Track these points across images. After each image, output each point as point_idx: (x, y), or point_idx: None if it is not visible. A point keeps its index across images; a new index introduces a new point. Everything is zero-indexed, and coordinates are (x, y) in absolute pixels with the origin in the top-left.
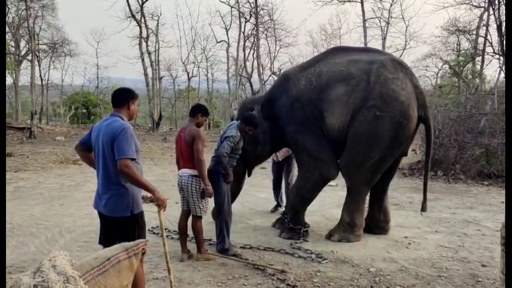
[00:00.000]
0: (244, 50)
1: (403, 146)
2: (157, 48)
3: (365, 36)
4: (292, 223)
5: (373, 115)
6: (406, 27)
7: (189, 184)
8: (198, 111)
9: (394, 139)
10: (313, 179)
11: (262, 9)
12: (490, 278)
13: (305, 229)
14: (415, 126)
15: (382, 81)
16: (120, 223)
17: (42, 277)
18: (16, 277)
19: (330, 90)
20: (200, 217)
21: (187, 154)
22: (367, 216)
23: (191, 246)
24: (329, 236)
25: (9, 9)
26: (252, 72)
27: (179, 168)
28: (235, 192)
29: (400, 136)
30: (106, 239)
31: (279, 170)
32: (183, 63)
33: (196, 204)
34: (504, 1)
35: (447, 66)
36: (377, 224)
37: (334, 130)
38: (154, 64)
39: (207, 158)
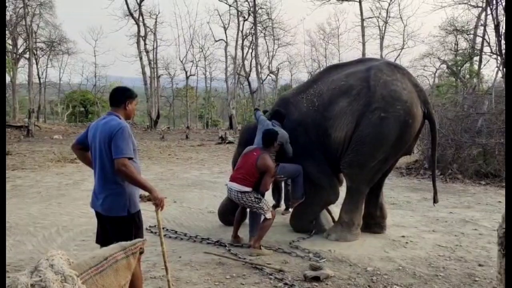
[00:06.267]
0: (242, 49)
1: (407, 145)
2: (155, 46)
3: (363, 36)
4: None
5: (377, 117)
6: (404, 27)
7: (240, 199)
8: (275, 140)
9: (400, 139)
10: (313, 204)
11: (261, 8)
12: (487, 278)
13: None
14: (420, 124)
15: (382, 84)
16: (117, 223)
17: (40, 276)
18: (14, 277)
19: (334, 106)
20: (269, 219)
21: (248, 174)
22: (364, 213)
23: (192, 245)
24: (327, 235)
25: (6, 7)
26: (250, 71)
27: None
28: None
29: (406, 135)
30: (103, 238)
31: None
32: (181, 61)
33: (259, 208)
34: (502, 1)
35: (444, 65)
36: (374, 220)
37: (340, 143)
38: (152, 62)
39: (205, 156)
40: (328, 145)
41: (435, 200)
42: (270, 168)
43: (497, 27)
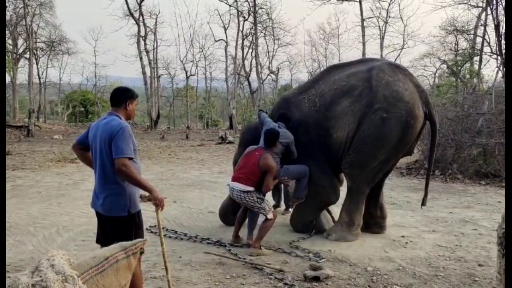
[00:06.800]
0: (242, 49)
1: (408, 146)
2: (155, 46)
3: (363, 36)
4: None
5: (380, 117)
6: (404, 27)
7: (242, 199)
8: (277, 139)
9: (401, 139)
10: (313, 204)
11: (261, 8)
12: (487, 278)
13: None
14: (421, 125)
15: (384, 84)
16: (117, 223)
17: (40, 276)
18: (14, 276)
19: (336, 106)
20: (270, 219)
21: (250, 173)
22: (364, 213)
23: (192, 245)
24: (327, 235)
25: (7, 7)
26: (250, 71)
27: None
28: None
29: (408, 135)
30: (104, 238)
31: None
32: (182, 61)
33: (261, 209)
34: (502, 1)
35: (445, 65)
36: (375, 220)
37: (341, 143)
38: (152, 62)
39: (206, 156)
40: (330, 145)
41: (423, 203)
42: (272, 167)
43: (497, 27)
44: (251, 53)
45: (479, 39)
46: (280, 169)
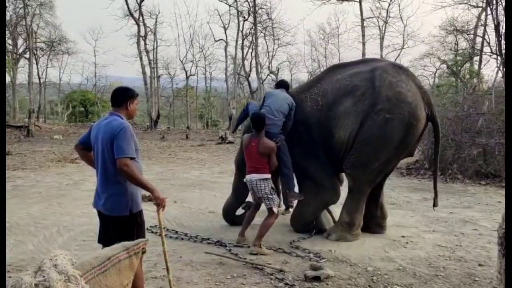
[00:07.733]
0: (242, 49)
1: (410, 147)
2: (155, 46)
3: (363, 36)
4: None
5: (382, 118)
6: (404, 27)
7: (259, 186)
8: (264, 121)
9: (403, 140)
10: (314, 204)
11: (261, 8)
12: (487, 278)
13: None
14: (423, 126)
15: (387, 85)
16: (119, 222)
17: (43, 276)
18: (17, 276)
19: (338, 106)
20: (274, 213)
21: (257, 162)
22: (365, 213)
23: (192, 245)
24: (327, 235)
25: (7, 7)
26: (250, 71)
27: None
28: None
29: (409, 136)
30: (105, 238)
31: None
32: (181, 61)
33: (270, 199)
34: (502, 1)
35: (445, 65)
36: (375, 220)
37: (343, 143)
38: (152, 62)
39: (206, 156)
40: (331, 145)
41: (435, 204)
42: (272, 148)
43: (497, 27)
44: (251, 53)
45: (479, 39)
46: (280, 135)
